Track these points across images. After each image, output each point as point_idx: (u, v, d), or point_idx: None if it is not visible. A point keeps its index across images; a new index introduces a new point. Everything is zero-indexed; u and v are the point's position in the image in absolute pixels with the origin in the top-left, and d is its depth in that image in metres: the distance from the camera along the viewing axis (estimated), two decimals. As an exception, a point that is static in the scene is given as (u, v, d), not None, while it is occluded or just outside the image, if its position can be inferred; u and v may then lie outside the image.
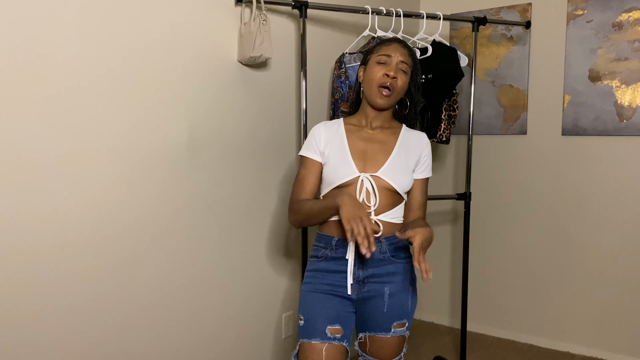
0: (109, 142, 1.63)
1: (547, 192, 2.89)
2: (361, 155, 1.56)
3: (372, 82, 1.55)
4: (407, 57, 1.56)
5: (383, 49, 1.57)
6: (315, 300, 1.53)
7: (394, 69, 1.53)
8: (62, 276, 1.55)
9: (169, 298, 1.86)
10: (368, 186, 1.51)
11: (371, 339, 1.57)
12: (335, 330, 1.51)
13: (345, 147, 1.56)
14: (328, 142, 1.58)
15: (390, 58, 1.54)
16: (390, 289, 1.55)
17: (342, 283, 1.53)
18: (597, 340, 2.80)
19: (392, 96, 1.54)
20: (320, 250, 1.58)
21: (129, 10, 1.66)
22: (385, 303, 1.54)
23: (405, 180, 1.56)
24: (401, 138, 1.61)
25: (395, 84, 1.53)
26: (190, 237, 1.92)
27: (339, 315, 1.53)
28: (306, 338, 1.51)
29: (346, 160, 1.54)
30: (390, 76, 1.52)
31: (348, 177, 1.52)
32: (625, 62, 2.60)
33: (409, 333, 1.61)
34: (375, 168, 1.54)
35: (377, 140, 1.59)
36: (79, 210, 1.57)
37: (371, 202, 1.52)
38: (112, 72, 1.63)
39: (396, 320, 1.56)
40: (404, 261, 1.59)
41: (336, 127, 1.62)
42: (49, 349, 1.53)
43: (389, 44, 1.58)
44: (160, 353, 1.85)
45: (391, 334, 1.55)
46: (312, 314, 1.52)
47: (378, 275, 1.54)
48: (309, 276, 1.59)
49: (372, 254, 1.53)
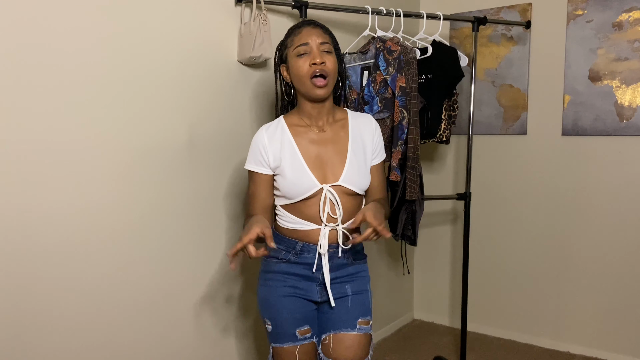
0: (108, 142, 1.63)
1: (547, 192, 2.89)
2: (317, 163, 1.48)
3: (302, 78, 1.44)
4: (323, 35, 1.45)
5: (296, 39, 1.45)
6: (281, 305, 1.51)
7: (317, 54, 1.42)
8: (62, 276, 1.55)
9: (169, 298, 1.86)
10: (331, 197, 1.46)
11: (336, 337, 1.52)
12: (304, 332, 1.52)
13: (298, 156, 1.47)
14: (276, 152, 1.48)
15: (308, 45, 1.43)
16: (352, 287, 1.56)
17: (305, 286, 1.52)
18: (597, 340, 2.80)
19: (329, 82, 1.44)
20: (281, 252, 1.52)
21: (129, 10, 1.66)
22: (349, 298, 1.54)
23: (365, 179, 1.53)
24: (351, 131, 1.54)
25: (326, 68, 1.42)
26: (191, 237, 1.92)
27: (306, 316, 1.53)
28: (278, 343, 1.52)
29: (304, 173, 1.46)
30: (318, 63, 1.41)
31: (310, 190, 1.45)
32: (625, 62, 2.60)
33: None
34: (335, 176, 1.48)
35: (328, 141, 1.51)
36: (78, 209, 1.57)
37: (337, 213, 1.48)
38: (111, 72, 1.62)
39: (360, 316, 1.54)
40: (362, 262, 1.60)
41: (280, 131, 1.51)
42: (48, 349, 1.53)
43: (299, 31, 1.46)
44: (160, 353, 1.85)
45: (356, 330, 1.53)
46: (279, 319, 1.51)
47: (340, 277, 1.54)
48: (268, 278, 1.55)
49: (336, 259, 1.52)
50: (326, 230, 1.48)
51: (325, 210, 1.47)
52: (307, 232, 1.50)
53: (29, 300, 1.48)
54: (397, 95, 2.19)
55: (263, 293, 1.56)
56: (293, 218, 1.51)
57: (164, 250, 1.83)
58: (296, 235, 1.51)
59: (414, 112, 2.20)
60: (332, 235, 1.50)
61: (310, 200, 1.47)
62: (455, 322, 3.28)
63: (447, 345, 3.01)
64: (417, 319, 3.44)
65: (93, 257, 1.62)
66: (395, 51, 2.21)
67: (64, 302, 1.56)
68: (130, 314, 1.74)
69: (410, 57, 2.20)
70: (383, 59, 2.24)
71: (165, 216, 1.83)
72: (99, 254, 1.64)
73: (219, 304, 2.06)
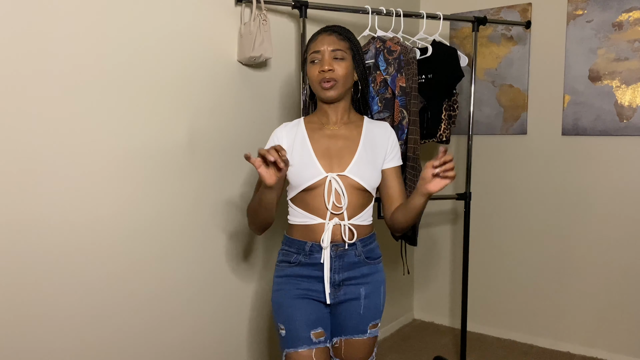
0: (108, 142, 1.63)
1: (547, 192, 2.89)
2: (326, 154, 1.51)
3: (312, 82, 1.53)
4: (338, 42, 1.51)
5: (312, 46, 1.53)
6: (294, 307, 1.51)
7: (327, 62, 1.48)
8: (61, 276, 1.55)
9: (170, 297, 1.86)
10: (336, 186, 1.48)
11: (347, 342, 1.55)
12: (319, 334, 1.50)
13: (308, 146, 1.52)
14: (290, 142, 1.54)
15: (320, 53, 1.50)
16: (366, 290, 1.55)
17: (318, 288, 1.52)
18: (597, 340, 2.80)
19: (336, 86, 1.49)
20: (292, 255, 1.54)
21: (129, 10, 1.66)
22: (361, 305, 1.54)
23: (374, 176, 1.53)
24: (365, 131, 1.57)
25: (334, 75, 1.48)
26: (192, 237, 1.92)
27: (319, 318, 1.52)
28: (292, 347, 1.50)
29: (311, 161, 1.49)
30: (326, 70, 1.48)
31: (315, 178, 1.48)
32: (625, 62, 2.60)
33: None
34: (342, 167, 1.50)
35: (340, 136, 1.55)
36: (78, 210, 1.57)
37: (342, 202, 1.48)
38: (111, 72, 1.63)
39: (371, 321, 1.56)
40: (376, 262, 1.59)
41: (297, 127, 1.58)
42: (48, 349, 1.53)
43: (315, 38, 1.54)
44: (160, 353, 1.85)
45: (367, 335, 1.55)
46: (294, 322, 1.50)
47: (354, 278, 1.54)
48: (281, 282, 1.55)
49: (347, 257, 1.51)
50: (330, 225, 1.48)
51: (331, 200, 1.48)
52: (314, 228, 1.50)
53: (29, 300, 1.48)
54: (397, 95, 2.19)
55: (276, 298, 1.56)
56: (300, 212, 1.52)
57: (165, 250, 1.83)
58: (304, 233, 1.52)
59: (414, 112, 2.20)
60: (338, 232, 1.50)
61: (315, 191, 1.49)
62: (455, 322, 3.28)
63: (447, 345, 3.01)
64: (417, 319, 3.44)
65: (93, 258, 1.62)
66: (395, 51, 2.21)
67: (64, 302, 1.56)
68: (131, 314, 1.74)
69: (410, 57, 2.20)
70: (383, 59, 2.24)
71: (165, 216, 1.83)
72: (99, 255, 1.64)
73: (221, 305, 2.06)
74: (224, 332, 2.09)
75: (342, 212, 1.49)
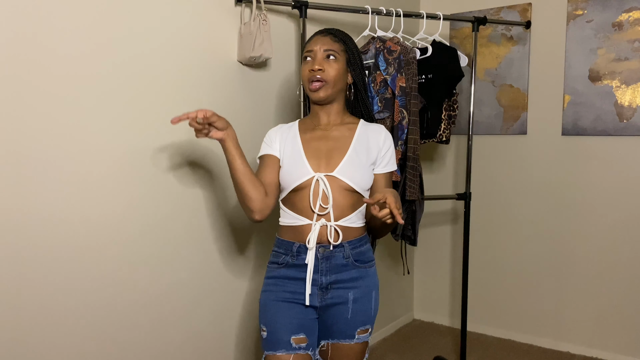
0: (107, 142, 1.63)
1: (547, 192, 2.89)
2: (315, 154, 1.51)
3: (303, 81, 1.54)
4: (331, 43, 1.52)
5: (307, 46, 1.55)
6: (277, 310, 1.49)
7: (318, 62, 1.50)
8: (61, 276, 1.55)
9: (170, 297, 1.86)
10: (323, 187, 1.46)
11: (334, 346, 1.52)
12: (300, 340, 1.48)
13: (299, 146, 1.53)
14: (282, 141, 1.55)
15: (313, 52, 1.52)
16: (355, 295, 1.51)
17: (304, 290, 1.49)
18: (597, 340, 2.80)
19: (325, 86, 1.50)
20: (281, 256, 1.53)
21: (129, 10, 1.66)
22: (349, 309, 1.51)
23: (365, 177, 1.51)
24: (358, 133, 1.56)
25: (324, 74, 1.49)
26: (192, 237, 1.92)
27: (303, 323, 1.49)
28: (271, 350, 1.48)
29: (300, 161, 1.49)
30: (315, 69, 1.49)
31: (302, 178, 1.47)
32: (625, 62, 2.60)
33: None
34: (331, 167, 1.49)
35: (331, 137, 1.54)
36: (78, 210, 1.57)
37: (327, 203, 1.47)
38: (111, 72, 1.62)
39: (360, 326, 1.52)
40: (367, 265, 1.55)
41: (290, 128, 1.59)
42: (46, 349, 1.53)
43: (311, 38, 1.56)
44: (160, 352, 1.85)
45: (355, 340, 1.52)
46: (275, 325, 1.48)
47: (342, 281, 1.50)
48: (268, 284, 1.54)
49: (334, 259, 1.50)
50: (317, 225, 1.47)
51: (318, 200, 1.46)
52: (301, 229, 1.49)
53: (30, 300, 1.48)
54: (397, 95, 2.19)
55: (263, 299, 1.54)
56: (289, 213, 1.52)
57: (163, 252, 1.83)
58: (292, 234, 1.51)
59: (414, 112, 2.20)
60: (325, 233, 1.49)
61: (303, 192, 1.48)
62: (455, 322, 3.28)
63: (447, 345, 3.01)
64: (417, 319, 3.44)
65: (93, 258, 1.62)
66: (395, 51, 2.21)
67: (64, 302, 1.56)
68: (131, 314, 1.74)
69: (410, 57, 2.20)
70: (383, 59, 2.24)
71: (165, 217, 1.83)
72: (99, 255, 1.64)
73: (219, 307, 2.06)
74: (223, 332, 2.09)
75: (327, 213, 1.47)
